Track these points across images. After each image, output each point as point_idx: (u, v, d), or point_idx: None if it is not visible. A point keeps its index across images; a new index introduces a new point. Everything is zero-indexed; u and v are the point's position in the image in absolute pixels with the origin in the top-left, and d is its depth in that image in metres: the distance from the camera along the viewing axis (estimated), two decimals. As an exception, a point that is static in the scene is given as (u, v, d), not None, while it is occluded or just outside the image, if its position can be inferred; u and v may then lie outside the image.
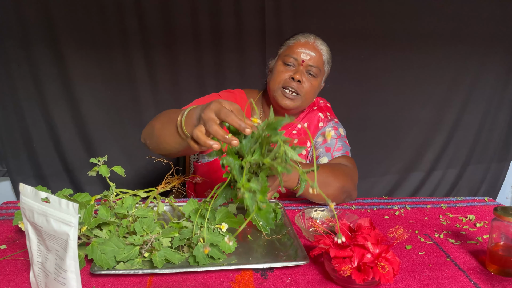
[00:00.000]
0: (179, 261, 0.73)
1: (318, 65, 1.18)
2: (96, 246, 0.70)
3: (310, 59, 1.17)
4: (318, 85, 1.23)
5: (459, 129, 2.24)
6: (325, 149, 1.23)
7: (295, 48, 1.18)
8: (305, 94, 1.18)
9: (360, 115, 2.15)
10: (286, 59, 1.18)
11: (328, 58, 1.23)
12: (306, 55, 1.17)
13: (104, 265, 0.69)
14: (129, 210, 0.78)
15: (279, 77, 1.18)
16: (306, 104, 1.23)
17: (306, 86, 1.17)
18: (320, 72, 1.21)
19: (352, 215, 0.91)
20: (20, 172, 2.03)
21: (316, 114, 1.31)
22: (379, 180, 2.28)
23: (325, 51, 1.22)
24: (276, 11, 1.96)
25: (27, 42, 1.86)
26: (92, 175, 0.85)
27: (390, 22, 2.04)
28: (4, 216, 1.00)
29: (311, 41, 1.20)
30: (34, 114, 1.96)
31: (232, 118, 0.70)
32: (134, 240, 0.72)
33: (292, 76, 1.15)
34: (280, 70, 1.19)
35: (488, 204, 1.14)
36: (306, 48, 1.18)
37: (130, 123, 2.05)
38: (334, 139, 1.25)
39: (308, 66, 1.17)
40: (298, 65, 1.18)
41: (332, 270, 0.68)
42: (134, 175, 2.08)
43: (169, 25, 1.93)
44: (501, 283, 0.71)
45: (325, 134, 1.27)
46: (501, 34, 2.12)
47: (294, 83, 1.15)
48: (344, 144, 1.25)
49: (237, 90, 1.32)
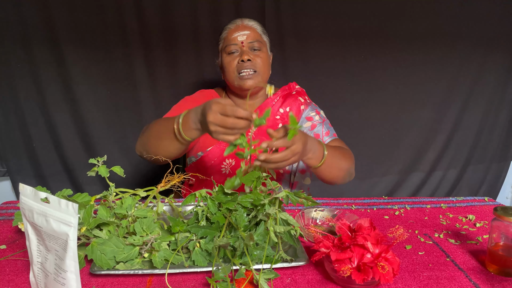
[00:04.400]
0: (179, 262, 0.73)
1: (257, 39, 1.26)
2: (96, 246, 0.70)
3: (247, 37, 1.25)
4: (267, 56, 1.30)
5: (459, 129, 2.24)
6: (314, 136, 1.28)
7: (230, 35, 1.26)
8: (260, 68, 1.24)
9: (360, 115, 2.15)
10: (227, 49, 1.25)
11: (262, 29, 1.30)
12: (241, 36, 1.25)
13: (104, 265, 0.69)
14: (129, 210, 0.78)
15: (230, 66, 1.25)
16: (266, 77, 1.29)
17: (258, 61, 1.24)
18: (262, 44, 1.28)
19: (352, 215, 0.91)
20: (20, 172, 2.03)
21: (297, 98, 1.36)
22: (379, 180, 2.27)
23: (256, 24, 1.29)
24: (276, 11, 1.96)
25: (27, 42, 1.86)
26: (92, 175, 0.85)
27: (390, 22, 2.04)
28: (4, 216, 1.00)
29: (239, 23, 1.28)
30: (34, 114, 1.96)
31: (239, 111, 0.78)
32: (134, 240, 0.72)
33: (241, 59, 1.22)
34: (228, 61, 1.25)
35: (488, 204, 1.14)
36: (238, 30, 1.25)
37: (130, 123, 2.04)
38: (320, 123, 1.30)
39: (249, 44, 1.25)
40: (240, 48, 1.25)
41: (332, 270, 0.68)
42: (134, 175, 2.08)
43: (169, 25, 1.93)
44: (501, 283, 0.71)
45: (312, 120, 1.31)
46: (501, 34, 2.11)
47: (246, 63, 1.22)
48: (329, 128, 1.32)
49: (207, 91, 1.39)
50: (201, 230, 0.74)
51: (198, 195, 0.80)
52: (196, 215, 0.79)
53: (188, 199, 0.81)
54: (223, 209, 0.77)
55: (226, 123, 0.79)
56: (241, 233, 0.73)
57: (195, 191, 0.81)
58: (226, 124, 0.79)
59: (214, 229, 0.75)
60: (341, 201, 1.15)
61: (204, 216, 0.78)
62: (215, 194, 0.79)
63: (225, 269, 0.66)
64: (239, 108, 0.79)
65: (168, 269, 0.70)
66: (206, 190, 0.81)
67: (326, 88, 2.06)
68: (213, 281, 0.64)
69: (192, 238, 0.74)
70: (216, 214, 0.77)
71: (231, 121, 0.79)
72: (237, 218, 0.76)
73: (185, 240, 0.73)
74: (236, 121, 0.79)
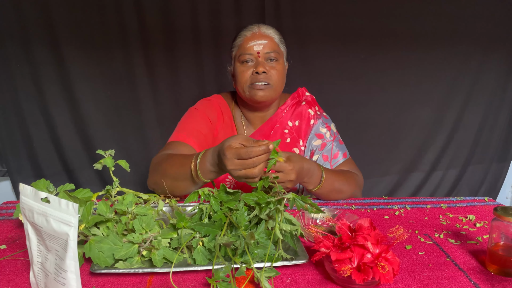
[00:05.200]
0: (178, 261, 0.73)
1: (274, 49, 1.18)
2: (94, 244, 0.70)
3: (264, 47, 1.17)
4: (283, 67, 1.23)
5: (459, 129, 2.24)
6: (322, 158, 1.24)
7: (246, 44, 1.18)
8: (275, 81, 1.17)
9: (360, 115, 2.15)
10: (242, 58, 1.18)
11: (279, 38, 1.23)
12: (258, 45, 1.16)
13: (101, 263, 0.69)
14: (129, 207, 0.77)
15: (243, 77, 1.18)
16: (280, 89, 1.22)
17: (273, 74, 1.17)
18: (279, 54, 1.20)
19: (352, 215, 0.91)
20: (20, 172, 2.03)
21: (306, 110, 1.30)
22: (379, 180, 2.27)
23: (274, 33, 1.21)
24: (276, 11, 1.96)
25: (27, 42, 1.86)
26: (98, 168, 0.85)
27: (390, 22, 2.04)
28: (4, 216, 1.00)
29: (256, 31, 1.19)
30: (34, 114, 1.96)
31: (254, 152, 0.75)
32: (133, 238, 0.72)
33: (256, 71, 1.15)
34: (241, 70, 1.18)
35: (488, 204, 1.14)
36: (255, 39, 1.17)
37: (130, 123, 2.04)
38: (331, 142, 1.25)
39: (265, 55, 1.17)
40: (255, 58, 1.17)
41: (332, 270, 0.68)
42: (134, 175, 2.08)
43: (169, 25, 1.93)
44: (501, 283, 0.71)
45: (322, 138, 1.27)
46: (501, 34, 2.11)
47: (260, 76, 1.15)
48: (340, 146, 1.27)
49: (213, 97, 1.32)
50: (204, 228, 0.74)
51: (201, 193, 0.80)
52: (200, 212, 0.79)
53: (191, 197, 0.81)
54: (224, 208, 0.77)
55: (247, 165, 0.77)
56: (242, 232, 0.74)
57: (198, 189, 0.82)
58: (247, 166, 0.78)
59: (216, 228, 0.75)
60: (341, 201, 1.15)
61: (207, 214, 0.78)
62: (217, 193, 0.80)
63: (226, 269, 0.66)
64: (253, 147, 0.76)
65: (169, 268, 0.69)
66: (208, 189, 0.81)
67: (326, 88, 2.05)
68: (213, 281, 0.64)
69: (196, 235, 0.74)
70: (217, 213, 0.77)
71: (251, 162, 0.77)
72: (237, 217, 0.76)
73: (189, 238, 0.73)
74: (254, 160, 0.77)
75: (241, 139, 0.80)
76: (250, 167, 0.77)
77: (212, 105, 1.28)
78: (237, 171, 0.79)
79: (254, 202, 0.76)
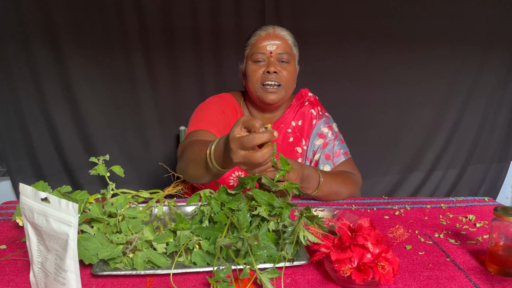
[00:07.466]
0: (165, 265, 0.71)
1: (287, 51, 1.19)
2: (81, 241, 0.70)
3: (277, 48, 1.18)
4: (294, 70, 1.24)
5: (459, 129, 2.24)
6: (325, 156, 1.26)
7: (259, 43, 1.18)
8: (286, 82, 1.18)
9: (360, 115, 2.15)
10: (254, 57, 1.18)
11: (293, 41, 1.23)
12: (271, 45, 1.17)
13: (86, 260, 0.70)
14: (119, 209, 0.77)
15: (255, 76, 1.18)
16: (290, 91, 1.24)
17: (284, 74, 1.18)
18: (291, 57, 1.21)
19: (352, 215, 0.91)
20: (20, 172, 2.03)
21: (309, 110, 1.31)
22: (379, 180, 2.28)
23: (288, 35, 1.22)
24: (276, 11, 1.96)
25: (27, 42, 1.86)
26: (94, 174, 0.85)
27: (390, 22, 2.04)
28: (4, 216, 1.00)
29: (271, 31, 1.20)
30: (34, 114, 1.96)
31: (256, 139, 0.69)
32: (118, 238, 0.71)
33: (267, 70, 1.16)
34: (253, 69, 1.19)
35: (488, 204, 1.14)
36: (269, 39, 1.18)
37: (130, 123, 2.04)
38: (332, 141, 1.26)
39: (277, 55, 1.18)
40: (268, 58, 1.18)
41: (332, 270, 0.68)
42: (134, 175, 2.08)
43: (169, 25, 1.93)
44: (501, 283, 0.71)
45: (324, 137, 1.28)
46: (501, 34, 2.12)
47: (271, 75, 1.16)
48: (341, 145, 1.28)
49: (224, 94, 1.32)
50: (204, 232, 0.74)
51: (202, 194, 0.80)
52: (201, 214, 0.78)
53: (192, 199, 0.81)
54: (225, 209, 0.77)
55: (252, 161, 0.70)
56: (244, 233, 0.73)
57: (199, 191, 0.81)
58: (253, 162, 0.70)
59: (216, 230, 0.74)
60: (341, 201, 1.15)
61: (208, 217, 0.77)
62: (217, 194, 0.79)
63: (228, 269, 0.66)
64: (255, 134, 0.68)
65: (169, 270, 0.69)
66: (209, 190, 0.80)
67: (326, 88, 2.06)
68: (214, 281, 0.64)
69: (192, 238, 0.74)
70: (218, 214, 0.76)
71: (256, 157, 0.69)
72: (239, 218, 0.76)
73: (186, 240, 0.73)
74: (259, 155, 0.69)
75: (244, 121, 0.73)
76: (257, 163, 0.70)
77: (225, 101, 1.29)
78: (244, 165, 0.73)
79: (265, 201, 0.76)
